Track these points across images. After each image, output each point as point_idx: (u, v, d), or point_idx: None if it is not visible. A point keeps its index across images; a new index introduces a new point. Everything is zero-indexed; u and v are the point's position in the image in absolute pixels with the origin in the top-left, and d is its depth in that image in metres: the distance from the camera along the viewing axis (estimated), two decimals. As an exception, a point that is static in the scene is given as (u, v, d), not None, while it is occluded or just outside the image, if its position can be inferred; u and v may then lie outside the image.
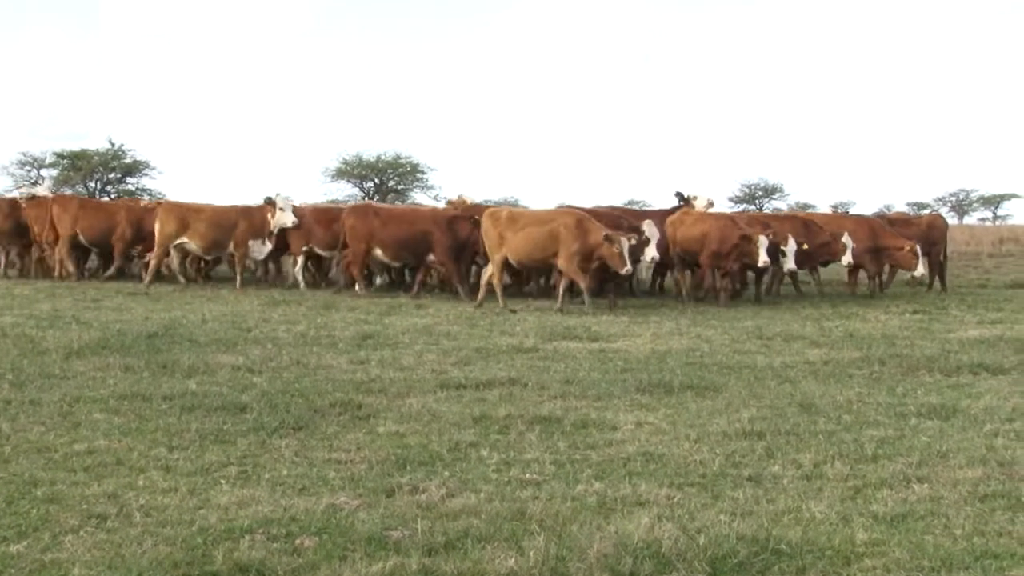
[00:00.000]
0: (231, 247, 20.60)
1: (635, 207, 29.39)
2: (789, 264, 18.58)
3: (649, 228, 17.36)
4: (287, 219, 20.30)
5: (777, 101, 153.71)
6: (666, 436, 7.90)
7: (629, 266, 16.88)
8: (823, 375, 10.68)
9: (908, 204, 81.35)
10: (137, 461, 7.02)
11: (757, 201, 75.02)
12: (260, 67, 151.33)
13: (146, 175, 61.81)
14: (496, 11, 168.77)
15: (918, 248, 19.99)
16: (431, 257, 19.25)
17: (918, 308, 17.55)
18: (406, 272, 20.53)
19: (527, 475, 6.80)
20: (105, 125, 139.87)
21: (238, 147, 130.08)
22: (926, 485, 6.58)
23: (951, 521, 5.90)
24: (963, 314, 16.94)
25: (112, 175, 61.31)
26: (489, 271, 17.78)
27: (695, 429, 8.11)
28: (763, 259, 17.91)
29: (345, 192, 66.00)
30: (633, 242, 16.64)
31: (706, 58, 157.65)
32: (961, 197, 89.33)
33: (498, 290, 17.51)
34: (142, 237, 21.38)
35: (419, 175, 67.27)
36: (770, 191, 78.22)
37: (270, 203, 20.53)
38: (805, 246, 18.61)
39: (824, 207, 50.41)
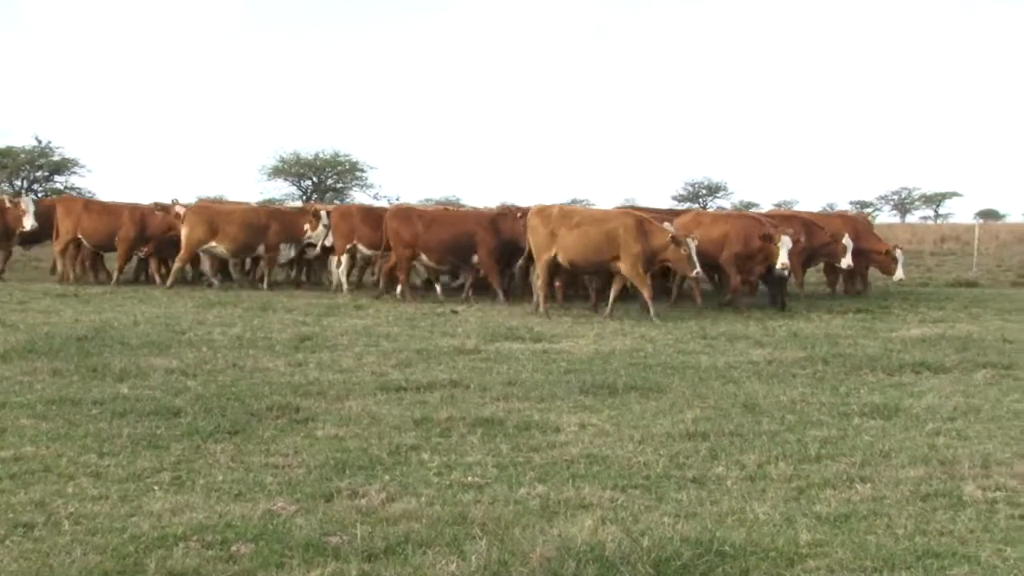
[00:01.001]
0: (261, 249, 20.66)
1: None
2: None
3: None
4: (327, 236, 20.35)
5: (721, 99, 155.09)
6: (610, 438, 7.94)
7: (698, 268, 16.21)
8: (767, 375, 10.79)
9: (851, 202, 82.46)
10: (66, 468, 6.91)
11: (701, 200, 75.62)
12: (193, 62, 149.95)
13: (75, 173, 60.88)
14: (437, 8, 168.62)
15: (898, 253, 20.07)
16: (475, 259, 18.78)
17: (861, 307, 17.81)
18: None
19: (469, 478, 6.80)
20: (30, 121, 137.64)
21: (171, 144, 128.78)
22: (869, 485, 6.67)
23: (893, 521, 5.99)
24: (905, 313, 17.22)
25: (39, 173, 60.31)
26: (540, 281, 16.74)
27: (639, 430, 8.15)
28: (782, 261, 17.19)
29: (282, 191, 65.63)
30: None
31: (648, 55, 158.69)
32: (903, 195, 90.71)
33: (543, 293, 16.70)
34: (146, 238, 21.19)
35: (358, 173, 67.05)
36: (714, 189, 78.94)
37: (315, 215, 20.57)
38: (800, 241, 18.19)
39: (768, 205, 50.90)
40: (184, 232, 20.22)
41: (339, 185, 66.88)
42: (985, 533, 5.80)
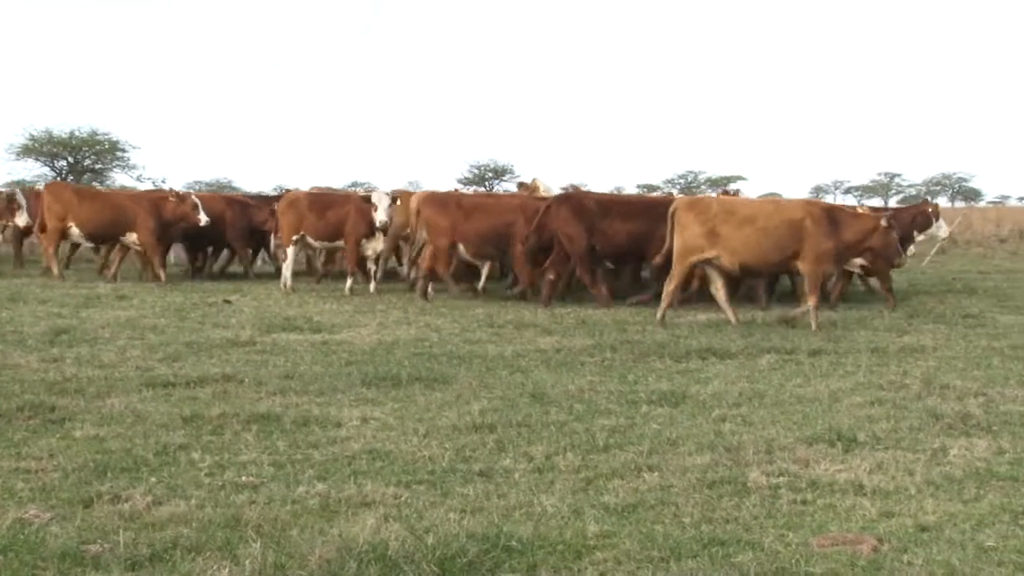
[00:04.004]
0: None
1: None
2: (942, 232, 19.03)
3: None
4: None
5: (505, 81, 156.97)
6: (393, 432, 7.94)
7: (904, 256, 15.45)
8: (555, 363, 10.99)
9: (638, 186, 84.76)
10: None
11: (487, 183, 76.45)
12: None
13: None
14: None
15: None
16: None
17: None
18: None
19: (243, 478, 6.70)
20: None
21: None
22: (656, 474, 6.89)
23: (680, 509, 6.20)
24: (690, 297, 17.79)
25: None
26: (672, 285, 14.65)
27: (424, 423, 8.18)
28: None
29: (33, 172, 62.83)
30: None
31: (430, 33, 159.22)
32: (690, 179, 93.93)
33: (668, 300, 14.60)
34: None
35: (119, 153, 64.85)
36: (500, 172, 79.94)
37: (366, 200, 18.90)
38: None
39: (555, 188, 51.73)
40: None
41: (98, 166, 64.55)
42: (768, 519, 6.08)
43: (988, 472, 7.01)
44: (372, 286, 18.25)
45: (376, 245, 18.64)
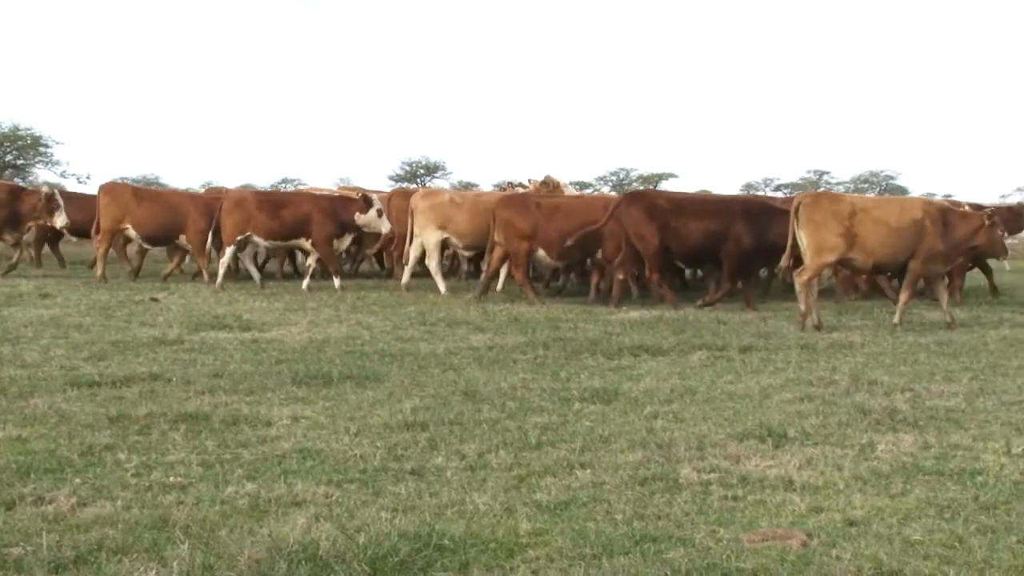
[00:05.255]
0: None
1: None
2: None
3: None
4: (383, 225, 18.41)
5: (435, 76, 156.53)
6: (324, 430, 7.90)
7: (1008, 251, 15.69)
8: (487, 361, 11.00)
9: (571, 182, 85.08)
10: None
11: (419, 179, 76.23)
12: None
13: None
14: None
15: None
16: (599, 254, 17.16)
17: (582, 289, 18.41)
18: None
19: (171, 478, 6.62)
20: None
21: None
22: (589, 471, 6.92)
23: (612, 506, 6.23)
24: (624, 294, 17.90)
25: None
26: (806, 277, 14.23)
27: (355, 422, 8.15)
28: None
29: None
30: None
31: (360, 28, 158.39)
32: (622, 176, 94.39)
33: (809, 302, 14.16)
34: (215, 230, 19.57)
35: (43, 149, 63.77)
36: (432, 169, 79.69)
37: (366, 201, 18.63)
38: None
39: (487, 186, 51.71)
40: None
41: (20, 162, 63.45)
42: (700, 515, 6.12)
43: (914, 467, 7.13)
44: (305, 283, 18.14)
45: (341, 245, 18.70)
